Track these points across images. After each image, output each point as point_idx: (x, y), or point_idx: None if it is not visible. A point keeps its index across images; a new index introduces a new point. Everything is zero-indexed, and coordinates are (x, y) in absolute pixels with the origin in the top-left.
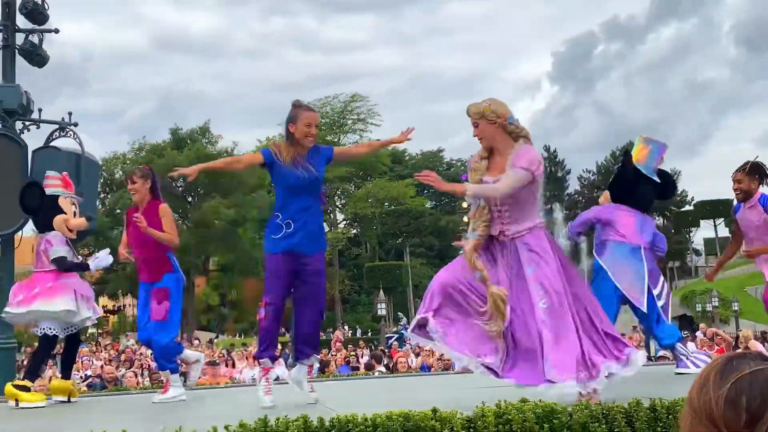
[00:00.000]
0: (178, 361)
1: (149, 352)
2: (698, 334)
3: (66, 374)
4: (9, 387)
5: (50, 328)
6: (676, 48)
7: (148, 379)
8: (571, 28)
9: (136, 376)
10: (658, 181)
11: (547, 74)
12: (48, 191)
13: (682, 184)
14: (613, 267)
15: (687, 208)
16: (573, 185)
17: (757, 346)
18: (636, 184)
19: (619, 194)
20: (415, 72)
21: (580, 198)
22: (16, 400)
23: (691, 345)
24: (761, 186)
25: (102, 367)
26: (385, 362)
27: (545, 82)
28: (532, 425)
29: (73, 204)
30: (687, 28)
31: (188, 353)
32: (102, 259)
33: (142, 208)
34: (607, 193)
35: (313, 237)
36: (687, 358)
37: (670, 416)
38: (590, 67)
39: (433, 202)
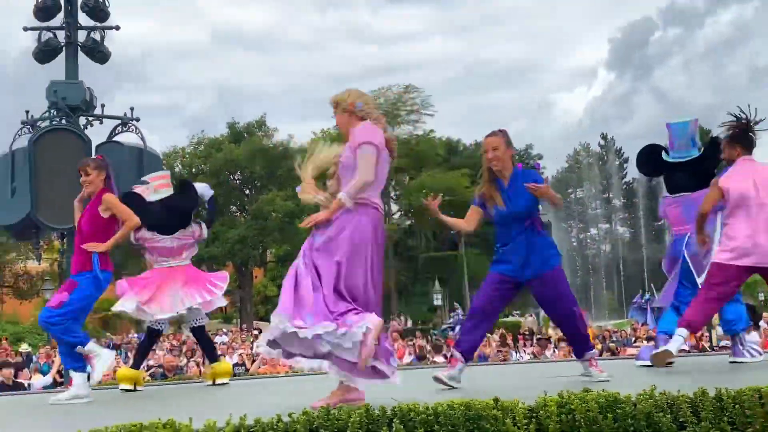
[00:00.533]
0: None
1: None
2: (761, 323)
3: (137, 364)
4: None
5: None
6: (737, 32)
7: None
8: (627, 14)
9: (198, 365)
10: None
11: (603, 61)
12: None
13: None
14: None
15: None
16: (631, 173)
17: None
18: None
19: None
20: (470, 62)
21: (638, 186)
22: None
23: (754, 335)
24: None
25: (164, 356)
26: (444, 352)
27: (602, 70)
28: (596, 415)
29: None
30: (747, 12)
31: (91, 347)
32: None
33: (93, 199)
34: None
35: None
36: (744, 348)
37: (737, 406)
38: (648, 54)
39: None
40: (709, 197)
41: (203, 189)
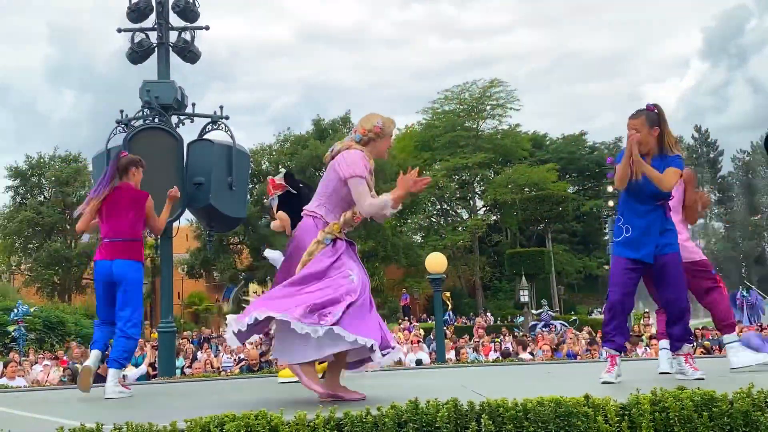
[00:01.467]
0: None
1: None
2: None
3: None
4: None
5: None
6: None
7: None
8: (721, 2)
9: None
10: None
11: (697, 51)
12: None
13: None
14: None
15: None
16: (726, 167)
17: None
18: None
19: None
20: (558, 53)
21: (734, 180)
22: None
23: None
24: None
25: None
26: (530, 349)
27: (695, 60)
28: (690, 413)
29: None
30: None
31: None
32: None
33: (137, 192)
34: None
35: None
36: None
37: None
38: (743, 42)
39: (576, 187)
40: None
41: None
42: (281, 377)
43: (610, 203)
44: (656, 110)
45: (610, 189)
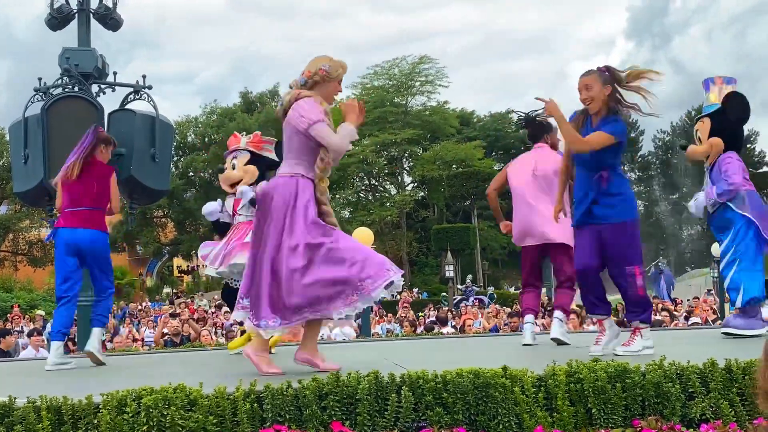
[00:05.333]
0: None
1: (223, 310)
2: None
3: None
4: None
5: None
6: (759, 1)
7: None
8: None
9: (212, 334)
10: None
11: (622, 30)
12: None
13: (761, 144)
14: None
15: (765, 169)
16: (647, 146)
17: None
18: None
19: (731, 141)
20: (489, 30)
21: (654, 159)
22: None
23: None
24: None
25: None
26: (453, 323)
27: (620, 38)
28: (604, 384)
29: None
30: None
31: None
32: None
33: (106, 168)
34: (715, 140)
35: None
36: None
37: (746, 377)
38: (668, 22)
39: (502, 164)
40: None
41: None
42: (231, 349)
43: None
44: (607, 71)
45: None
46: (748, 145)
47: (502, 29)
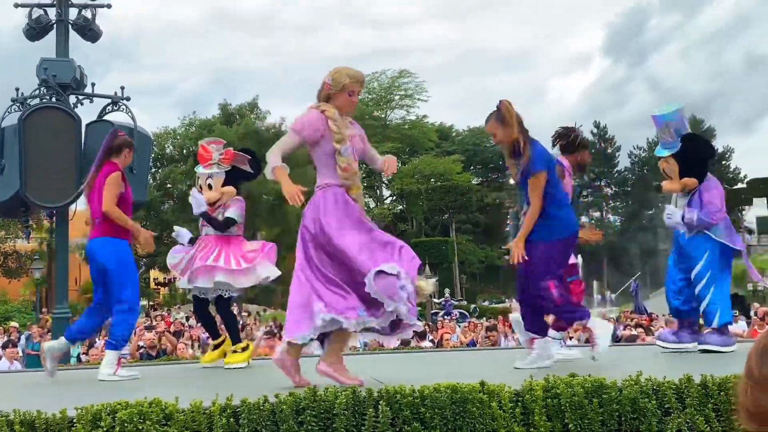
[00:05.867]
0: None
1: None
2: (751, 313)
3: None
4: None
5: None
6: (735, 20)
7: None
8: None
9: (190, 347)
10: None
11: (600, 47)
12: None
13: (736, 161)
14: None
15: (740, 186)
16: (623, 162)
17: None
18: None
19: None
20: (466, 47)
21: (630, 175)
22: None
23: (742, 323)
24: None
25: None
26: (431, 338)
27: (597, 56)
28: (581, 399)
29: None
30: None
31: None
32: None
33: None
34: (688, 180)
35: None
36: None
37: (722, 393)
38: (644, 40)
39: (480, 179)
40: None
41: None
42: (203, 363)
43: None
44: (501, 108)
45: (511, 181)
46: (724, 162)
47: (480, 46)
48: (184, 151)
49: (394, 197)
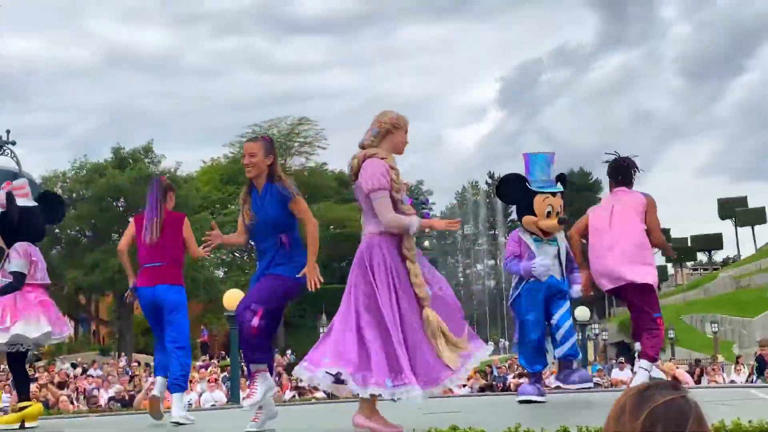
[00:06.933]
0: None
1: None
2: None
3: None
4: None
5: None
6: (622, 77)
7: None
8: (518, 54)
9: (70, 399)
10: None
11: (494, 100)
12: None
13: None
14: None
15: None
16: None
17: (684, 376)
18: None
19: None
20: (369, 95)
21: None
22: (23, 422)
23: (627, 372)
24: None
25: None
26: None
27: (492, 108)
28: None
29: None
30: (633, 58)
31: None
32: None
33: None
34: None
35: None
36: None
37: None
38: (536, 94)
39: None
40: None
41: None
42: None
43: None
44: (270, 141)
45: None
46: None
47: (381, 94)
48: (74, 194)
49: None
